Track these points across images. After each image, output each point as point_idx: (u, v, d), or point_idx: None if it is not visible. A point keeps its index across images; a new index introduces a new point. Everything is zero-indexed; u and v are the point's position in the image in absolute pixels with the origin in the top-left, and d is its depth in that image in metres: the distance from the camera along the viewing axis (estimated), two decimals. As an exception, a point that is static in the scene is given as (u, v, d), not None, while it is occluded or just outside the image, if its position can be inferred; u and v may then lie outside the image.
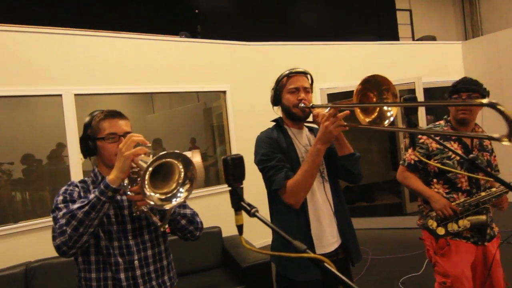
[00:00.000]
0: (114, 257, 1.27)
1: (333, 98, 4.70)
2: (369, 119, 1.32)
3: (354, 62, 4.99)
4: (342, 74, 4.90)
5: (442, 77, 5.34)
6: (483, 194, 1.88)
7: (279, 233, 0.87)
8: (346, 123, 1.43)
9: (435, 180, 1.97)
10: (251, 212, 0.90)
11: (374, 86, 1.29)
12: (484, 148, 1.98)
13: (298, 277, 1.54)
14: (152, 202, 0.97)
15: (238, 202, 0.92)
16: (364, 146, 5.57)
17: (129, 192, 1.22)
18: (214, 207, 3.63)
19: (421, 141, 2.00)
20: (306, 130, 1.74)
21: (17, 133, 4.60)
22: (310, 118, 1.64)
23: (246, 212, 0.91)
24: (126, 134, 1.31)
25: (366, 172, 5.44)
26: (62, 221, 1.12)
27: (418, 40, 5.94)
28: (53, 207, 1.22)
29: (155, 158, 0.95)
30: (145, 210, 1.21)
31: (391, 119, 1.30)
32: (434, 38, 5.85)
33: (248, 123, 4.29)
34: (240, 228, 0.95)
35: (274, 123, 1.74)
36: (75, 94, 3.35)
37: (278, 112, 1.74)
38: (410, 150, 2.06)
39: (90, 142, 1.34)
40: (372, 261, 3.67)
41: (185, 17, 5.55)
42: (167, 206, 1.01)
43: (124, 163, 1.11)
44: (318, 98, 4.72)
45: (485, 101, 0.85)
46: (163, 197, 1.00)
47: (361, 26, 6.20)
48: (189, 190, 1.02)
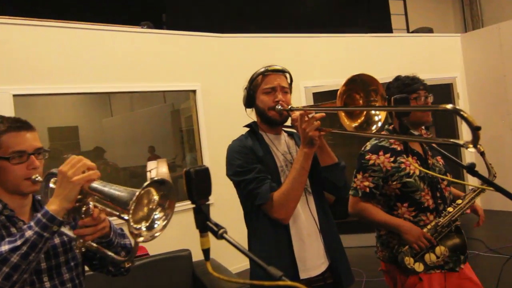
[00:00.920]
0: None
1: (319, 97, 4.76)
2: (355, 124, 1.34)
3: (342, 56, 5.08)
4: (329, 70, 4.97)
5: (440, 73, 5.51)
6: (451, 209, 1.85)
7: (251, 257, 0.86)
8: (325, 128, 1.46)
9: (399, 203, 1.90)
10: (219, 233, 0.88)
11: (361, 87, 1.32)
12: (436, 152, 1.96)
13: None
14: (141, 238, 0.96)
15: (203, 222, 0.91)
16: (356, 151, 5.62)
17: (64, 230, 1.16)
18: (183, 227, 3.57)
19: (371, 162, 1.90)
20: (284, 136, 1.76)
21: None
22: (289, 122, 1.66)
23: (213, 233, 0.90)
24: (38, 151, 1.23)
25: (358, 181, 5.54)
26: None
27: (413, 32, 6.11)
28: None
29: (141, 190, 0.94)
30: (94, 245, 1.14)
31: (379, 124, 1.32)
32: (431, 30, 6.03)
33: (222, 128, 4.27)
34: (206, 252, 0.93)
35: (247, 129, 1.75)
36: (14, 95, 3.26)
37: (252, 115, 1.75)
38: (359, 175, 1.94)
39: None
40: (367, 284, 3.71)
41: (147, 4, 5.50)
42: (156, 234, 0.99)
43: (71, 191, 1.05)
44: (302, 98, 4.77)
45: (449, 106, 0.89)
46: (147, 224, 0.98)
47: (350, 16, 6.33)
48: (166, 220, 1.01)
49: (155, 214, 1.01)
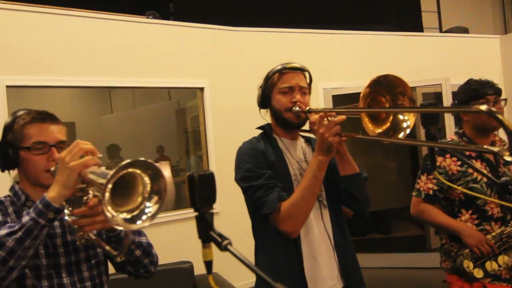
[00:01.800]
0: None
1: (339, 100, 4.73)
2: (379, 130, 1.33)
3: (367, 56, 5.05)
4: (351, 71, 4.95)
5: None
6: None
7: (257, 272, 0.86)
8: (347, 133, 1.46)
9: (463, 210, 1.99)
10: (223, 244, 0.88)
11: (386, 89, 1.31)
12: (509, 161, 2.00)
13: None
14: (118, 227, 0.97)
15: (206, 232, 0.91)
16: (379, 163, 5.61)
17: (66, 217, 1.19)
18: (185, 236, 3.59)
19: (437, 164, 2.00)
20: (301, 141, 1.75)
21: None
22: (307, 126, 1.65)
23: (217, 244, 0.90)
24: (60, 144, 1.30)
25: (381, 195, 5.49)
26: None
27: (446, 32, 6.06)
28: None
29: (118, 167, 0.94)
30: (92, 237, 1.20)
31: (408, 131, 1.31)
32: (466, 31, 5.97)
33: (231, 130, 4.28)
34: (208, 265, 0.94)
35: (260, 131, 1.75)
36: (7, 86, 3.30)
37: (266, 116, 1.75)
38: (424, 177, 2.07)
39: (10, 151, 1.30)
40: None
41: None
42: (137, 227, 0.99)
43: (69, 177, 1.09)
44: (321, 100, 4.76)
45: (483, 108, 0.88)
46: (129, 216, 0.98)
47: (377, 12, 6.30)
48: (159, 203, 1.01)
49: (147, 205, 1.01)
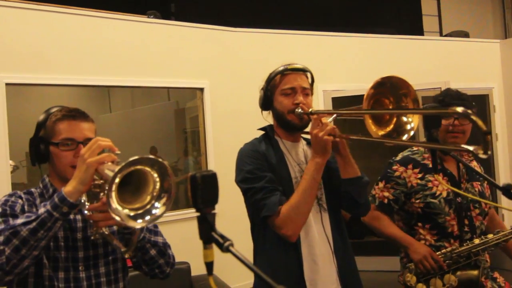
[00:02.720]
0: None
1: (339, 103, 4.74)
2: (382, 132, 1.33)
3: (367, 59, 5.06)
4: (352, 73, 4.97)
5: (475, 82, 5.46)
6: (477, 241, 1.86)
7: (259, 274, 0.85)
8: (341, 134, 1.46)
9: (420, 223, 1.95)
10: (224, 246, 0.88)
11: (390, 91, 1.31)
12: (473, 177, 1.99)
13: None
14: (118, 218, 0.98)
15: (208, 233, 0.91)
16: (377, 166, 5.59)
17: (85, 211, 1.22)
18: (182, 237, 3.57)
19: (396, 174, 1.97)
20: (303, 143, 1.75)
21: None
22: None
23: (218, 245, 0.90)
24: (88, 141, 1.32)
25: (378, 198, 5.47)
26: (0, 238, 1.12)
27: (447, 35, 6.07)
28: None
29: (126, 163, 0.96)
30: (106, 233, 1.22)
31: (411, 133, 1.31)
32: (467, 35, 5.99)
33: (230, 131, 4.28)
34: (209, 266, 0.94)
35: (262, 132, 1.74)
36: (7, 84, 3.30)
37: (268, 118, 1.75)
38: (381, 184, 2.01)
39: (41, 146, 1.36)
40: (382, 313, 3.66)
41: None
42: (138, 225, 1.01)
43: (85, 173, 1.12)
44: (320, 103, 4.76)
45: (459, 109, 0.90)
46: (132, 213, 1.00)
47: (377, 15, 6.32)
48: (166, 204, 1.03)
49: (155, 205, 1.03)
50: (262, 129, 1.75)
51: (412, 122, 1.31)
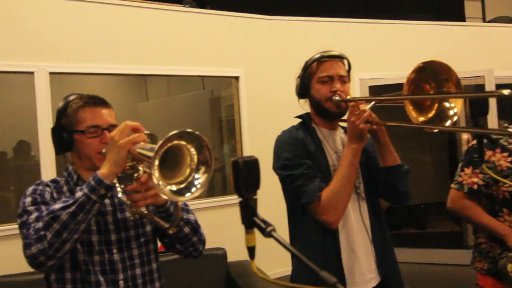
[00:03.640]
0: (94, 275, 1.29)
1: (376, 91, 4.65)
2: (423, 118, 1.30)
3: (405, 47, 4.94)
4: (390, 61, 4.86)
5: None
6: None
7: (302, 260, 0.86)
8: (378, 121, 1.44)
9: (505, 210, 1.90)
10: (267, 231, 0.89)
11: (431, 76, 1.27)
12: None
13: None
14: (164, 196, 0.98)
15: (250, 218, 0.92)
16: (415, 157, 5.51)
17: (120, 194, 1.24)
18: (219, 224, 3.63)
19: (485, 158, 1.90)
20: (340, 132, 1.73)
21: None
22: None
23: (260, 230, 0.90)
24: (111, 128, 1.35)
25: (416, 189, 5.38)
26: (39, 224, 1.14)
27: (490, 22, 5.84)
28: (19, 211, 1.25)
29: (166, 138, 0.96)
30: (145, 212, 1.23)
31: (455, 119, 1.27)
32: (511, 21, 5.75)
33: (265, 119, 4.29)
34: (251, 250, 0.95)
35: (298, 121, 1.74)
36: (50, 73, 3.42)
37: (305, 106, 1.74)
38: (468, 170, 1.95)
39: (64, 135, 1.37)
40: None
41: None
42: (184, 199, 1.01)
43: (119, 154, 1.13)
44: (357, 91, 4.69)
45: (506, 92, 0.84)
46: (176, 188, 1.01)
47: (417, 0, 6.13)
48: (207, 173, 1.02)
49: (195, 176, 1.03)
50: (299, 117, 1.74)
51: (455, 108, 1.27)
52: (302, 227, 1.62)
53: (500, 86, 4.57)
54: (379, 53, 4.90)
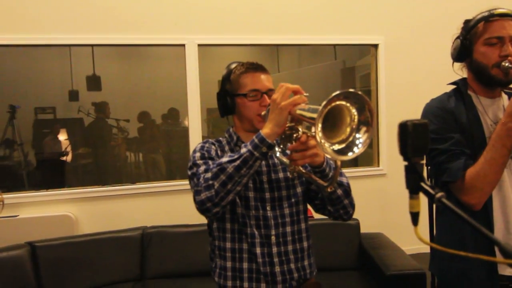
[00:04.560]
0: (250, 227, 1.41)
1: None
2: None
3: None
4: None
5: None
6: None
7: (479, 228, 0.81)
8: None
9: None
10: (436, 197, 0.85)
11: None
12: None
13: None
14: (328, 155, 1.01)
15: (417, 182, 0.89)
16: None
17: (278, 154, 1.30)
18: (354, 194, 3.60)
19: None
20: (504, 99, 1.56)
21: (134, 87, 5.33)
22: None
23: (428, 196, 0.87)
24: (269, 92, 1.43)
25: None
26: (207, 175, 1.26)
27: None
28: (190, 164, 1.41)
29: (329, 99, 0.97)
30: (303, 170, 1.27)
31: None
32: None
33: (405, 89, 4.09)
34: (415, 216, 0.92)
35: (452, 88, 1.61)
36: (199, 45, 3.70)
37: (459, 72, 1.60)
38: None
39: (228, 99, 1.48)
40: None
41: None
42: (345, 158, 1.02)
43: (280, 115, 1.18)
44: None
45: None
46: (337, 147, 1.03)
47: None
48: (368, 132, 1.02)
49: (356, 136, 1.03)
50: (453, 83, 1.61)
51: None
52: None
53: None
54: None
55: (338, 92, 0.98)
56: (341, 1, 4.05)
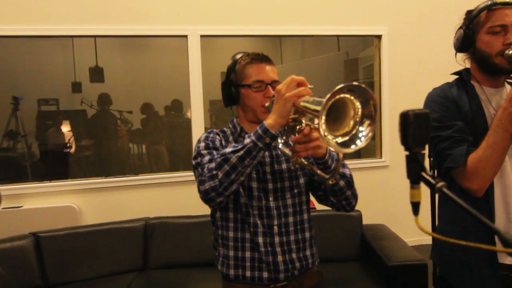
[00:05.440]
0: (253, 217, 1.41)
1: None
2: None
3: None
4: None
5: None
6: None
7: (479, 218, 0.81)
8: None
9: None
10: (437, 186, 0.85)
11: None
12: None
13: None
14: (331, 148, 1.01)
15: (417, 172, 0.89)
16: None
17: (280, 145, 1.30)
18: (357, 185, 3.60)
19: None
20: (507, 89, 1.55)
21: (136, 78, 5.33)
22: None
23: (429, 186, 0.87)
24: (274, 83, 1.42)
25: None
26: (211, 165, 1.27)
27: None
28: (194, 154, 1.41)
29: (333, 92, 0.96)
30: (305, 162, 1.27)
31: None
32: None
33: (408, 81, 4.07)
34: (415, 206, 0.92)
35: (454, 78, 1.60)
36: (201, 36, 3.69)
37: (462, 63, 1.59)
38: None
39: (232, 89, 1.48)
40: None
41: None
42: (347, 150, 1.02)
43: (284, 106, 1.18)
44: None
45: None
46: (341, 140, 1.03)
47: None
48: (371, 125, 1.02)
49: (359, 129, 1.03)
50: (456, 73, 1.60)
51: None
52: (449, 190, 1.52)
53: None
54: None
55: (343, 85, 0.97)
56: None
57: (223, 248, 1.46)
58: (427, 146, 1.68)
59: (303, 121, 1.21)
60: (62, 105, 4.71)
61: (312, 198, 1.56)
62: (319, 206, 3.23)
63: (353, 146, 1.02)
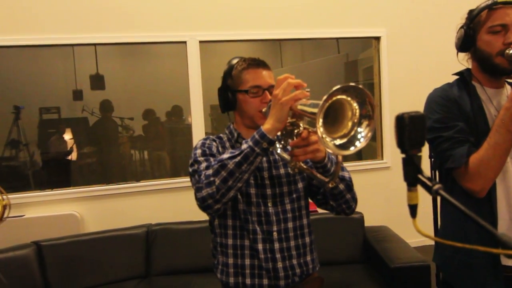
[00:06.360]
0: (251, 224, 1.40)
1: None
2: None
3: None
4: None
5: None
6: None
7: (478, 222, 0.79)
8: None
9: None
10: (433, 189, 0.84)
11: None
12: None
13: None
14: (329, 150, 1.00)
15: (414, 175, 0.88)
16: None
17: (279, 150, 1.29)
18: (357, 188, 3.60)
19: None
20: (507, 90, 1.54)
21: (137, 85, 5.34)
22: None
23: (426, 188, 0.86)
24: (271, 88, 1.41)
25: None
26: (209, 171, 1.25)
27: None
28: (191, 161, 1.40)
29: (329, 93, 0.96)
30: (304, 166, 1.27)
31: None
32: None
33: (408, 82, 4.06)
34: (413, 208, 0.91)
35: (455, 78, 1.59)
36: (200, 41, 3.69)
37: (464, 63, 1.58)
38: None
39: (229, 94, 1.47)
40: None
41: None
42: (346, 152, 1.01)
43: (281, 111, 1.17)
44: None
45: None
46: (339, 142, 1.02)
47: None
48: (370, 125, 1.01)
49: (358, 130, 1.02)
50: (458, 73, 1.59)
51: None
52: (451, 193, 1.51)
53: None
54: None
55: (338, 86, 0.96)
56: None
57: (222, 255, 1.45)
58: (428, 148, 1.68)
59: (301, 124, 1.21)
60: (63, 113, 4.72)
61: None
62: (321, 209, 3.21)
63: (352, 148, 1.01)
